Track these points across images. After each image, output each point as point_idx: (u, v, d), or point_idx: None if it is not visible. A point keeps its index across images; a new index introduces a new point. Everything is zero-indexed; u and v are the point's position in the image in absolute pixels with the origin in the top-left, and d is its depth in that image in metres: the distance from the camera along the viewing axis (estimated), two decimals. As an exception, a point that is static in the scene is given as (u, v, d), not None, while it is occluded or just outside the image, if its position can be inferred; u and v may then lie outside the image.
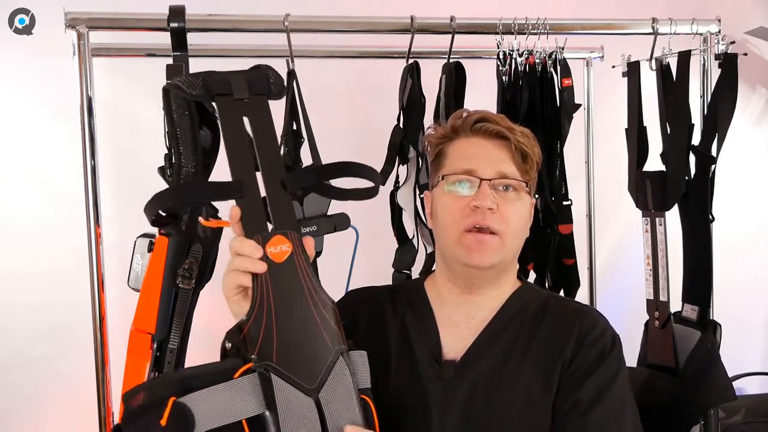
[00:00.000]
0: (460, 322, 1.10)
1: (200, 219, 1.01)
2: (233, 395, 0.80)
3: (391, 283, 1.51)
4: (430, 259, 1.52)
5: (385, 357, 1.08)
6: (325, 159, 1.42)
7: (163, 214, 1.01)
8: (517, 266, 1.15)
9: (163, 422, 0.76)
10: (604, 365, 1.03)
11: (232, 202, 0.90)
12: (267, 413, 0.80)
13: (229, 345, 0.86)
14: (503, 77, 1.56)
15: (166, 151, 1.30)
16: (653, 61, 1.61)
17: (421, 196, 1.46)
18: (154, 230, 1.21)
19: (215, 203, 1.01)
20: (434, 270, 1.17)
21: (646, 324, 1.65)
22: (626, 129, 1.66)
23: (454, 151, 1.09)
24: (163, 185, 0.98)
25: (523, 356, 1.05)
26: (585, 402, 1.00)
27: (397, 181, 1.53)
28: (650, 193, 1.59)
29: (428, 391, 1.03)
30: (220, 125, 0.94)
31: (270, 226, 0.90)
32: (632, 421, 1.04)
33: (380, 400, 0.91)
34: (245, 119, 0.93)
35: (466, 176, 1.06)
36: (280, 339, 0.85)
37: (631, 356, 1.65)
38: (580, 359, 1.03)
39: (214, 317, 0.98)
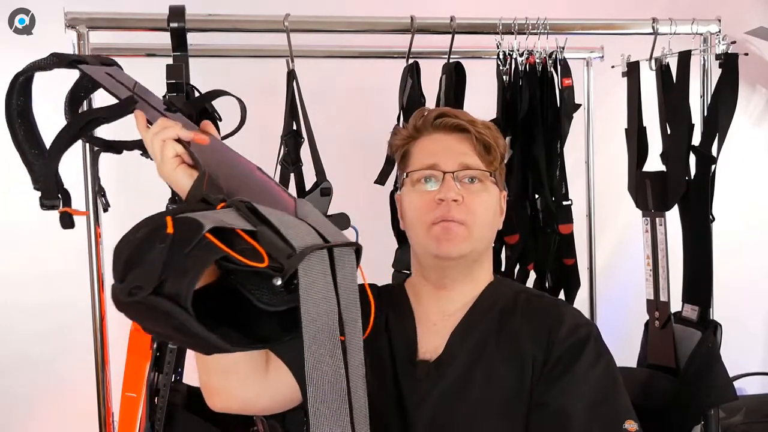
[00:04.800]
0: (436, 320, 1.10)
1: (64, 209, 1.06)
2: (225, 215, 0.76)
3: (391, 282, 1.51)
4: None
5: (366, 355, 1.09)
6: (325, 159, 1.42)
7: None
8: (491, 260, 1.16)
9: (169, 230, 0.70)
10: (581, 359, 1.00)
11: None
12: (260, 228, 0.75)
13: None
14: (503, 77, 1.56)
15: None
16: (653, 61, 1.61)
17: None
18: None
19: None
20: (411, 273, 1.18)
21: (646, 324, 1.65)
22: (626, 129, 1.66)
23: (418, 149, 1.10)
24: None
25: (495, 354, 1.04)
26: (566, 400, 0.98)
27: (396, 181, 1.53)
28: (650, 193, 1.59)
29: (402, 391, 1.04)
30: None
31: None
32: (623, 406, 1.00)
33: None
34: None
35: (429, 171, 1.06)
36: (240, 181, 0.88)
37: (631, 356, 1.66)
38: (554, 355, 1.01)
39: (214, 317, 0.98)
